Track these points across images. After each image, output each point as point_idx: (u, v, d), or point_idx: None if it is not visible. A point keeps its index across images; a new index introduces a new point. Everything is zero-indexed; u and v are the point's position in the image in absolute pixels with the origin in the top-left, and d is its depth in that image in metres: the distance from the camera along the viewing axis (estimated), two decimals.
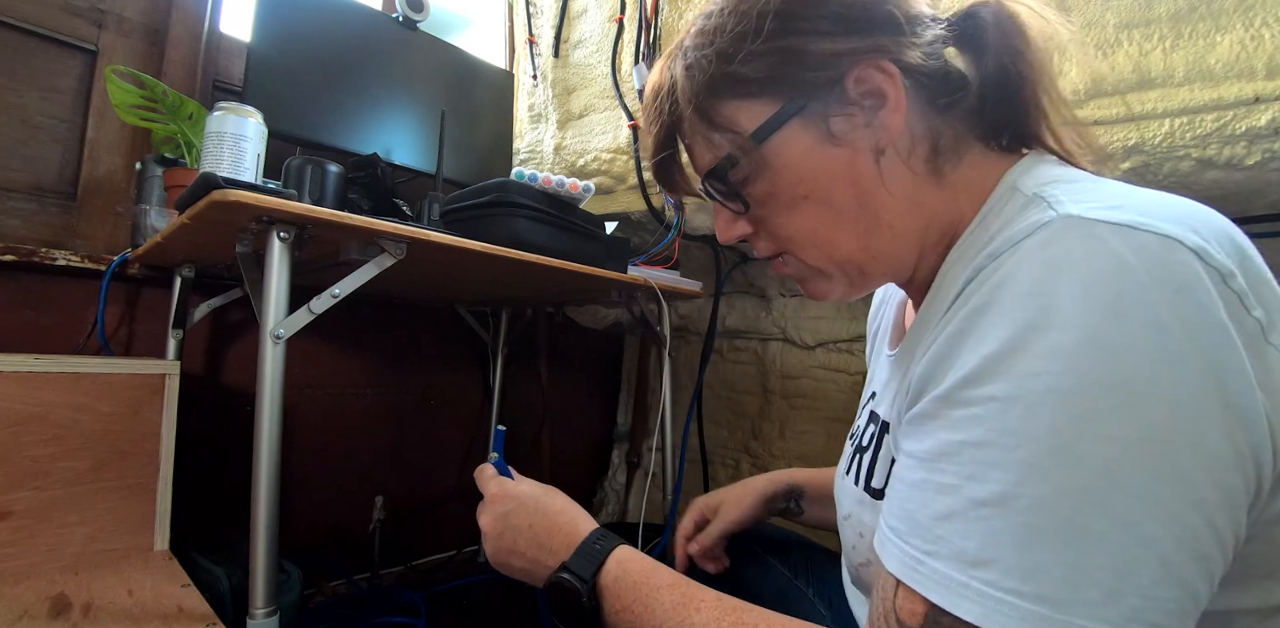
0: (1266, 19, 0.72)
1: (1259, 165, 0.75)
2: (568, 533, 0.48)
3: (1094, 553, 0.26)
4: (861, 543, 0.47)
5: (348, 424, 1.33)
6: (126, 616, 0.67)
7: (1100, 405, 0.27)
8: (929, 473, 0.31)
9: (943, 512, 0.30)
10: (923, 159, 0.41)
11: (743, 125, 0.42)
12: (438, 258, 0.86)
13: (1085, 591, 0.26)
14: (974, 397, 0.30)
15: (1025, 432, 0.28)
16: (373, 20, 1.19)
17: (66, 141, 1.05)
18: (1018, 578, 0.27)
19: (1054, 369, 0.28)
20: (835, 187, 0.41)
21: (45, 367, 0.80)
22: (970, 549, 0.28)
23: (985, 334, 0.30)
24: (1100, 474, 0.27)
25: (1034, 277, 0.30)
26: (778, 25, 0.40)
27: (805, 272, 0.47)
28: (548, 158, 1.47)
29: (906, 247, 0.43)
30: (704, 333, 1.65)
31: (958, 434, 0.30)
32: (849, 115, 0.40)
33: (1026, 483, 0.27)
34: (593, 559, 0.45)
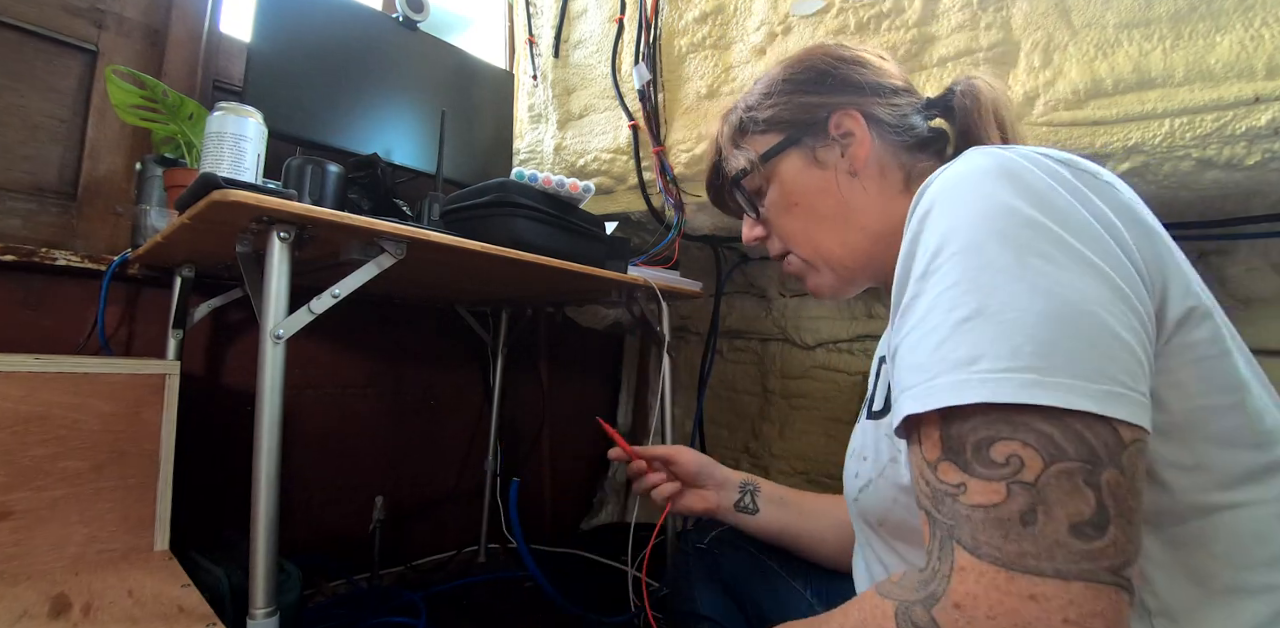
0: (1266, 19, 0.72)
1: (1259, 165, 0.76)
2: None
3: (1059, 332, 0.33)
4: (864, 466, 0.53)
5: (348, 424, 1.33)
6: (126, 616, 0.67)
7: (1031, 238, 0.35)
8: (922, 330, 0.37)
9: (936, 343, 0.35)
10: (896, 182, 0.57)
11: (756, 149, 0.60)
12: (438, 258, 0.86)
13: (1060, 360, 0.32)
14: (941, 262, 0.37)
15: (981, 262, 0.35)
16: (373, 20, 1.19)
17: (66, 141, 1.05)
18: (1005, 360, 0.33)
19: (980, 226, 0.37)
20: (818, 197, 0.58)
21: (45, 367, 0.80)
22: (964, 355, 0.34)
23: (935, 224, 0.39)
24: (1043, 276, 0.34)
25: (946, 184, 0.40)
26: (784, 87, 0.60)
27: (803, 267, 0.62)
28: (548, 158, 1.47)
29: (880, 246, 0.56)
30: (704, 333, 1.65)
31: (936, 289, 0.37)
32: (829, 147, 0.57)
33: (993, 294, 0.34)
34: None
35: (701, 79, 1.22)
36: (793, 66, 0.61)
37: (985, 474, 0.32)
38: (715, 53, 1.20)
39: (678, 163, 1.23)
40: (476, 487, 1.55)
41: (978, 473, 0.32)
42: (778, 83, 0.60)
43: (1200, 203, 0.86)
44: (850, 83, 0.57)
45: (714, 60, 1.20)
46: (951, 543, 0.32)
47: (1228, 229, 0.89)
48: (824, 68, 0.59)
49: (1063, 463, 0.30)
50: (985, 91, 0.55)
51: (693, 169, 1.21)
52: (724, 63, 1.19)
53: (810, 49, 0.62)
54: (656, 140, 1.25)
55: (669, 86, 1.26)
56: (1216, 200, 0.85)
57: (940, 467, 0.34)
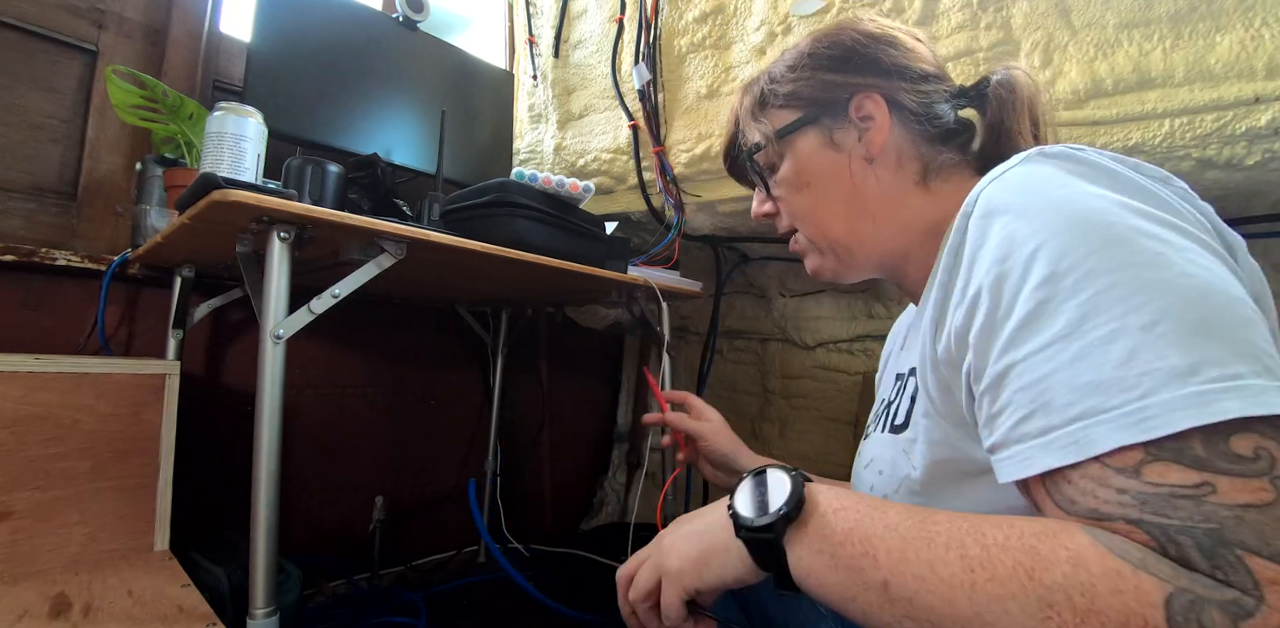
0: (1266, 19, 0.72)
1: (1259, 165, 0.76)
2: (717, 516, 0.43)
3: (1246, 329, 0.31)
4: (880, 480, 0.51)
5: (348, 424, 1.33)
6: (126, 616, 0.67)
7: (1147, 225, 0.33)
8: (1080, 340, 0.32)
9: (1124, 355, 0.30)
10: (913, 173, 0.54)
11: (773, 124, 0.58)
12: (438, 258, 0.86)
13: (1264, 358, 0.30)
14: (1069, 265, 0.33)
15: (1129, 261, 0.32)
16: (373, 20, 1.19)
17: (66, 141, 1.05)
18: (1231, 366, 0.29)
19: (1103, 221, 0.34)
20: (830, 180, 0.56)
21: (45, 367, 0.80)
22: (1180, 364, 0.29)
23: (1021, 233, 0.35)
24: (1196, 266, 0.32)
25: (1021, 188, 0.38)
26: (810, 62, 0.57)
27: (806, 246, 0.60)
28: (548, 158, 1.47)
29: (888, 236, 0.55)
30: (704, 333, 1.65)
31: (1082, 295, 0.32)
32: (847, 129, 0.55)
33: (1166, 294, 0.31)
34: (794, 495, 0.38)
35: (701, 79, 1.22)
36: (821, 41, 0.58)
37: (1236, 470, 0.27)
38: (715, 53, 1.20)
39: (678, 163, 1.23)
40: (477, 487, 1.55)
41: (1224, 470, 0.27)
42: (804, 57, 0.58)
43: None
44: (877, 64, 0.55)
45: (714, 60, 1.20)
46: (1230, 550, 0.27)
47: None
48: (852, 45, 0.56)
49: None
50: (1023, 85, 0.53)
51: (693, 169, 1.21)
52: (724, 63, 1.19)
53: (841, 23, 0.59)
54: (656, 140, 1.25)
55: (669, 86, 1.26)
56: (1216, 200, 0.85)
57: (1148, 470, 0.29)
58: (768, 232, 1.30)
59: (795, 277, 1.51)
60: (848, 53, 0.56)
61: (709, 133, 1.19)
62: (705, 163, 1.19)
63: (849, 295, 1.43)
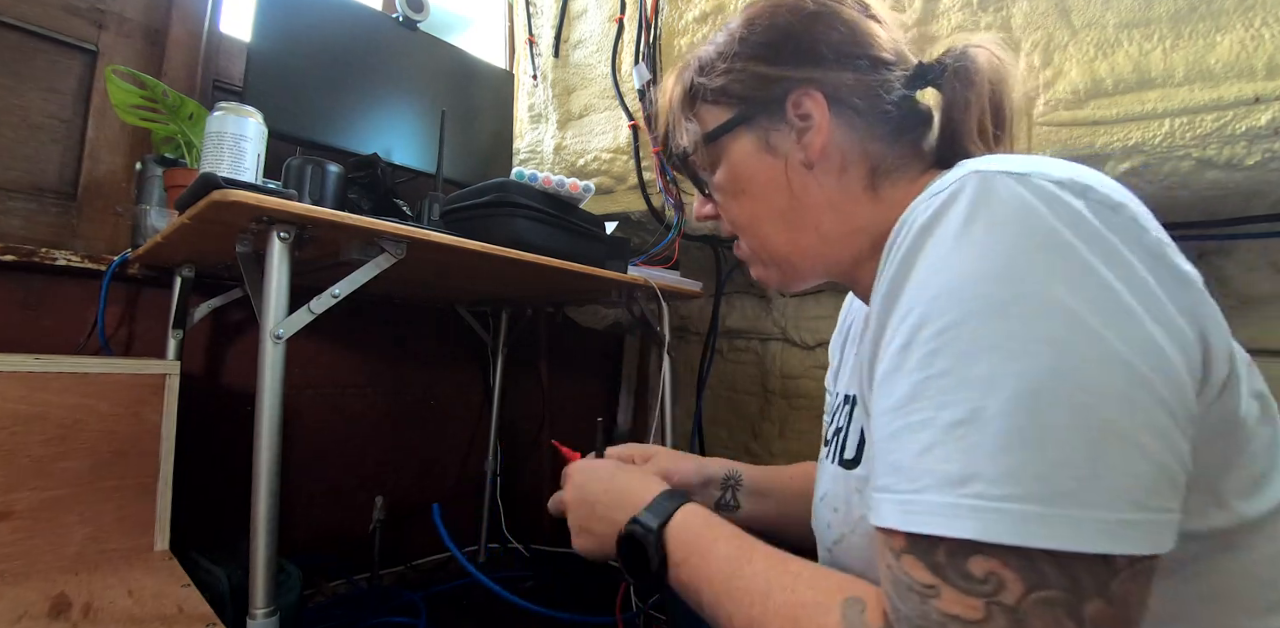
0: (1266, 19, 0.72)
1: (1259, 165, 0.75)
2: (639, 494, 0.51)
3: (1063, 445, 0.29)
4: (835, 518, 0.49)
5: (348, 424, 1.33)
6: (127, 616, 0.67)
7: (1036, 316, 0.31)
8: (904, 418, 0.33)
9: (922, 447, 0.31)
10: (859, 177, 0.48)
11: (705, 125, 0.52)
12: (438, 258, 0.86)
13: (1066, 481, 0.28)
14: (927, 336, 0.33)
15: (977, 351, 0.31)
16: (373, 20, 1.19)
17: (66, 141, 1.05)
18: (1003, 485, 0.29)
19: (984, 292, 0.32)
20: (768, 188, 0.50)
21: (45, 367, 0.80)
22: (954, 471, 0.30)
23: (922, 281, 0.34)
24: (1050, 373, 0.29)
25: (955, 223, 0.34)
26: (740, 50, 0.50)
27: (749, 256, 0.56)
28: (548, 158, 1.47)
29: (833, 248, 0.50)
30: (704, 333, 1.65)
31: (921, 373, 0.32)
32: (784, 131, 0.49)
33: (989, 395, 0.30)
34: (660, 513, 0.48)
35: None
36: (753, 23, 0.50)
37: (963, 587, 0.29)
38: None
39: None
40: (476, 487, 1.55)
41: (954, 582, 0.29)
42: (734, 42, 0.50)
43: (1200, 203, 0.86)
44: (816, 52, 0.48)
45: None
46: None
47: (1228, 229, 0.89)
48: (787, 27, 0.49)
49: (1044, 592, 0.28)
50: (983, 67, 0.46)
51: None
52: None
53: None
54: (656, 140, 1.25)
55: None
56: (1216, 200, 0.85)
57: (906, 559, 0.31)
58: None
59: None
60: (782, 38, 0.49)
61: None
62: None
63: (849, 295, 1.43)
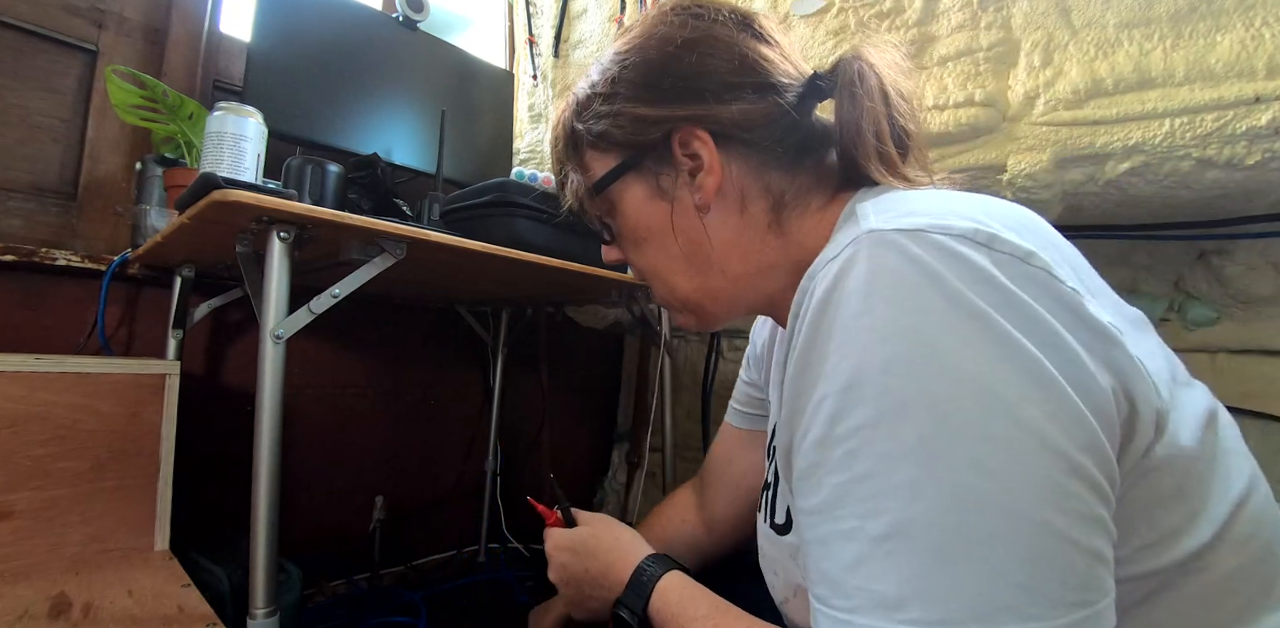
0: (1267, 18, 0.72)
1: (1259, 165, 0.75)
2: (619, 570, 0.51)
3: (999, 555, 0.26)
4: (777, 581, 0.48)
5: (348, 424, 1.33)
6: (127, 616, 0.67)
7: (952, 405, 0.28)
8: (831, 524, 0.31)
9: (852, 560, 0.29)
10: (760, 213, 0.45)
11: (592, 173, 0.48)
12: (438, 258, 0.86)
13: (1008, 595, 0.26)
14: (844, 432, 0.30)
15: (896, 451, 0.28)
16: (373, 20, 1.19)
17: (66, 141, 1.05)
18: (940, 608, 0.26)
19: (897, 383, 0.29)
20: (665, 234, 0.47)
21: (45, 367, 0.80)
22: (888, 592, 0.28)
23: (833, 365, 0.31)
24: (974, 474, 0.27)
25: (853, 298, 0.31)
26: (617, 90, 0.46)
27: (661, 302, 0.53)
28: (548, 158, 1.47)
29: (744, 289, 0.47)
30: (704, 333, 1.65)
31: (842, 474, 0.30)
32: (673, 175, 0.45)
33: (914, 504, 0.28)
34: (641, 593, 0.48)
35: None
36: (624, 58, 0.46)
37: None
38: None
39: None
40: (476, 487, 1.55)
41: None
42: (608, 83, 0.47)
43: (1200, 203, 0.86)
44: (695, 86, 0.43)
45: None
46: None
47: (1228, 229, 0.89)
48: (662, 63, 0.44)
49: None
50: (871, 80, 0.41)
51: None
52: None
53: (653, 21, 0.47)
54: None
55: None
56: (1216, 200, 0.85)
57: None
58: None
59: None
60: (657, 75, 0.44)
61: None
62: None
63: None
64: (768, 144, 0.44)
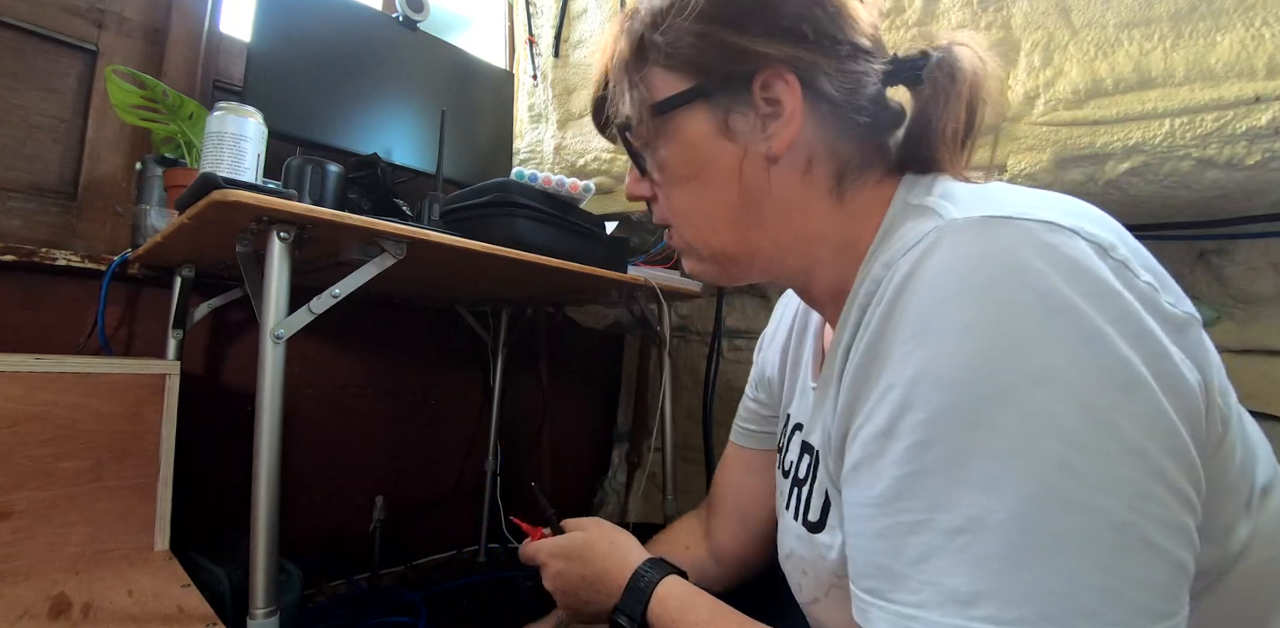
0: (1267, 18, 0.72)
1: (1259, 165, 0.75)
2: (615, 576, 0.50)
3: (1080, 556, 0.26)
4: (806, 581, 0.47)
5: (348, 424, 1.33)
6: (127, 616, 0.67)
7: (1037, 400, 0.27)
8: (892, 517, 0.30)
9: (919, 553, 0.28)
10: (823, 178, 0.43)
11: (655, 92, 0.44)
12: (438, 258, 0.86)
13: (1085, 599, 0.25)
14: (913, 423, 0.29)
15: (974, 445, 0.27)
16: (373, 20, 1.19)
17: (66, 141, 1.05)
18: (1017, 605, 0.26)
19: (981, 376, 0.28)
20: (720, 178, 0.43)
21: (45, 367, 0.80)
22: (960, 587, 0.27)
23: (904, 354, 0.30)
24: (1058, 470, 0.26)
25: (935, 285, 0.30)
26: (708, 9, 0.41)
27: (684, 247, 0.49)
28: (548, 158, 1.47)
29: (786, 253, 0.45)
30: (704, 333, 1.65)
31: (908, 466, 0.29)
32: (747, 115, 0.42)
33: (992, 498, 0.27)
34: (639, 599, 0.48)
35: None
36: None
37: None
38: None
39: None
40: (476, 487, 1.55)
41: None
42: None
43: (1200, 203, 0.86)
44: (795, 28, 0.40)
45: None
46: None
47: (1228, 229, 0.89)
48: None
49: None
50: (967, 68, 0.40)
51: None
52: None
53: None
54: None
55: None
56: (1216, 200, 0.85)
57: None
58: None
59: None
60: (757, 4, 0.41)
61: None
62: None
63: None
64: (849, 108, 0.42)
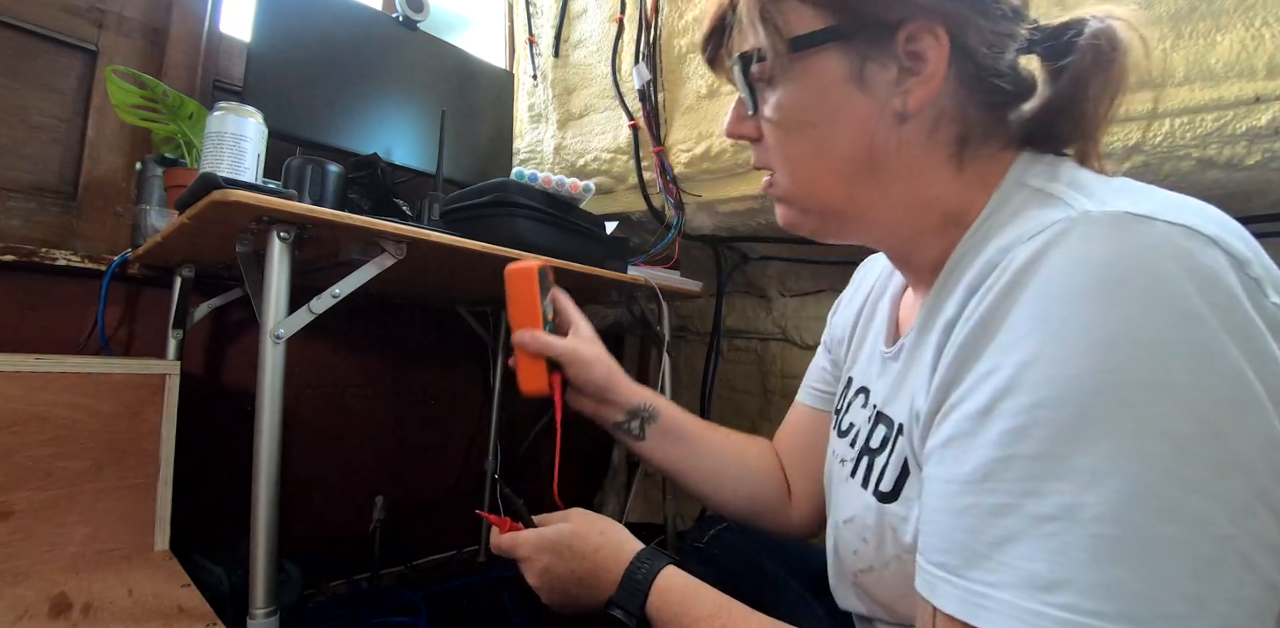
0: (1267, 19, 0.72)
1: (1259, 165, 0.75)
2: (609, 569, 0.49)
3: (1172, 560, 0.25)
4: (865, 549, 0.46)
5: (348, 424, 1.33)
6: (127, 616, 0.67)
7: (1151, 402, 0.26)
8: (976, 496, 0.29)
9: (1001, 535, 0.28)
10: (946, 143, 0.41)
11: (788, 26, 0.41)
12: (438, 258, 0.86)
13: (1171, 603, 0.25)
14: (1015, 407, 0.29)
15: (1079, 437, 0.27)
16: (373, 20, 1.19)
17: (66, 142, 1.05)
18: (1097, 598, 0.25)
19: (1098, 369, 0.27)
20: (844, 129, 0.41)
21: (45, 367, 0.80)
22: (1040, 572, 0.26)
23: (1015, 338, 0.30)
24: (1164, 474, 0.26)
25: (1062, 274, 0.29)
26: None
27: (783, 196, 0.47)
28: (548, 158, 1.47)
29: (894, 216, 0.43)
30: (704, 333, 1.65)
31: (1004, 449, 0.29)
32: (885, 66, 0.39)
33: (1090, 491, 0.26)
34: (637, 593, 0.46)
35: (701, 79, 1.21)
36: None
37: None
38: None
39: (678, 162, 1.23)
40: (476, 487, 1.55)
41: None
42: None
43: None
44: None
45: None
46: None
47: None
48: None
49: None
50: (1124, 45, 0.37)
51: (693, 169, 1.21)
52: None
53: None
54: (656, 140, 1.25)
55: (669, 86, 1.26)
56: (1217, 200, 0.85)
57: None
58: (768, 231, 1.30)
59: (795, 277, 1.50)
60: None
61: (709, 132, 1.19)
62: (705, 162, 1.19)
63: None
64: (990, 72, 0.40)
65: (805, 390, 0.69)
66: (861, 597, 0.48)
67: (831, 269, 1.37)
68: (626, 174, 1.33)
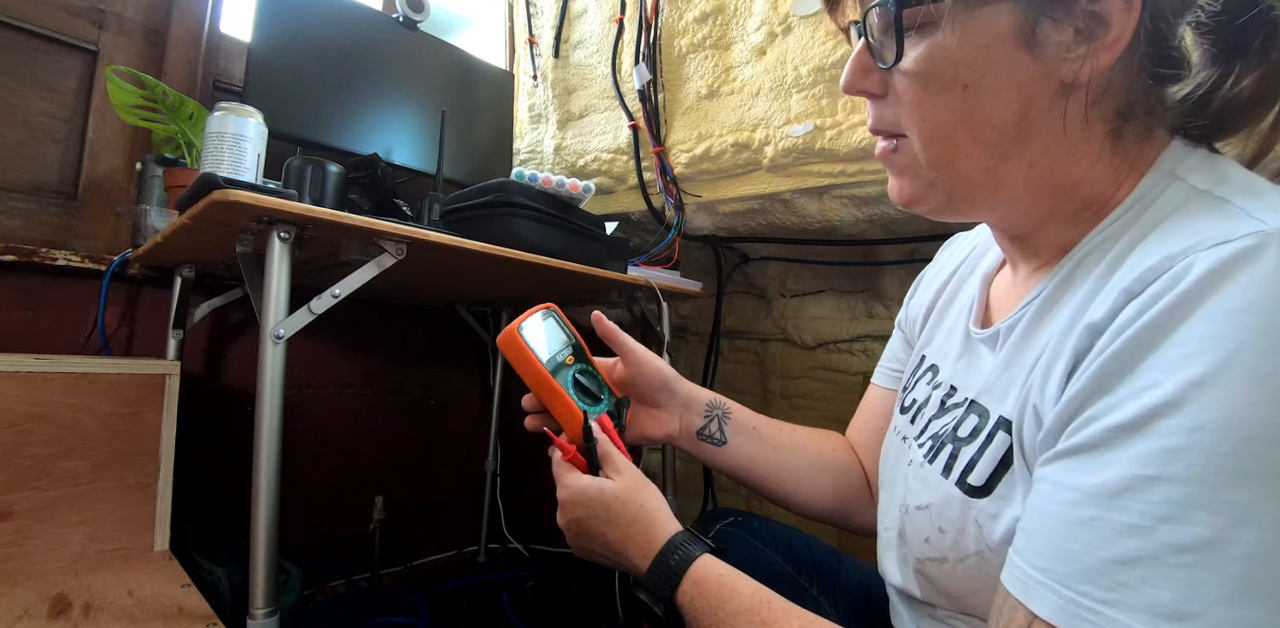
0: None
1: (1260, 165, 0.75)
2: (641, 545, 0.47)
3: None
4: (941, 539, 0.43)
5: (347, 424, 1.33)
6: (126, 616, 0.67)
7: None
8: (1103, 510, 0.28)
9: (1127, 556, 0.27)
10: (1107, 118, 0.37)
11: None
12: (438, 258, 0.86)
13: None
14: (1171, 427, 0.27)
15: (1239, 469, 0.25)
16: (373, 20, 1.19)
17: (67, 142, 1.05)
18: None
19: (1269, 399, 0.25)
20: (1000, 93, 0.36)
21: (45, 367, 0.80)
22: (1164, 600, 0.25)
23: (1182, 355, 0.28)
24: None
25: (1246, 294, 0.27)
26: None
27: (909, 164, 0.42)
28: (548, 158, 1.47)
29: (1034, 196, 0.39)
30: (703, 333, 1.65)
31: (1148, 469, 0.27)
32: (1061, 27, 0.35)
33: (1241, 528, 0.25)
34: (669, 578, 0.44)
35: (701, 79, 1.21)
36: None
37: None
38: (715, 53, 1.20)
39: (678, 163, 1.23)
40: (476, 487, 1.55)
41: None
42: None
43: None
44: None
45: (714, 60, 1.20)
46: None
47: None
48: None
49: None
50: None
51: (693, 169, 1.21)
52: (724, 63, 1.19)
53: None
54: (656, 140, 1.25)
55: (669, 86, 1.26)
56: None
57: None
58: (768, 232, 1.30)
59: (795, 277, 1.50)
60: None
61: (709, 133, 1.19)
62: (705, 163, 1.19)
63: (849, 295, 1.42)
64: (1167, 46, 0.35)
65: (881, 371, 0.66)
66: (923, 583, 0.46)
67: (832, 270, 1.37)
68: (626, 174, 1.33)
